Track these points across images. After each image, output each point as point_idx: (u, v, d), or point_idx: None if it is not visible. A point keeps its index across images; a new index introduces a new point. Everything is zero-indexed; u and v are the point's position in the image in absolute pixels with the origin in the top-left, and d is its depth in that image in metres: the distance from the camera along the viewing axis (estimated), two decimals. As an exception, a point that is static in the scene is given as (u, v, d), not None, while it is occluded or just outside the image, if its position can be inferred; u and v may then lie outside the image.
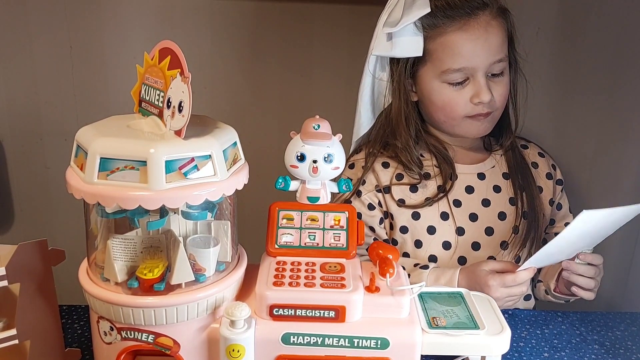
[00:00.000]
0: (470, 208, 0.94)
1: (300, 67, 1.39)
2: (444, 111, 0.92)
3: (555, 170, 1.03)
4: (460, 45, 0.87)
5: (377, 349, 0.60)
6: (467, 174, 0.96)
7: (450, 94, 0.90)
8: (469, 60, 0.88)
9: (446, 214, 0.93)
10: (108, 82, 1.37)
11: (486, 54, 0.88)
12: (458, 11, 0.87)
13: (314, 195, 0.67)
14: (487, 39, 0.87)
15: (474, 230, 0.93)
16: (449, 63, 0.88)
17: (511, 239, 0.94)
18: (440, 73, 0.89)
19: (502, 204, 0.95)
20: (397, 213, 0.94)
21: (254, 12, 1.35)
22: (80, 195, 0.56)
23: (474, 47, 0.87)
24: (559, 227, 1.01)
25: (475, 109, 0.90)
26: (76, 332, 0.79)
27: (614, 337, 0.83)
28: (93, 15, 1.33)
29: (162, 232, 0.63)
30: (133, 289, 0.59)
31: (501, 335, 0.62)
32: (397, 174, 0.95)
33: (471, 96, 0.89)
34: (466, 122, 0.93)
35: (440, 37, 0.88)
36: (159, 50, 0.62)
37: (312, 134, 0.65)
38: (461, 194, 0.94)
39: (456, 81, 0.89)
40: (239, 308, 0.57)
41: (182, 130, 0.57)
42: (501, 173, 0.98)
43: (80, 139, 0.59)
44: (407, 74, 0.93)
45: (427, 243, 0.93)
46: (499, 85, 0.91)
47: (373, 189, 0.95)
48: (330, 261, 0.65)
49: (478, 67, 0.88)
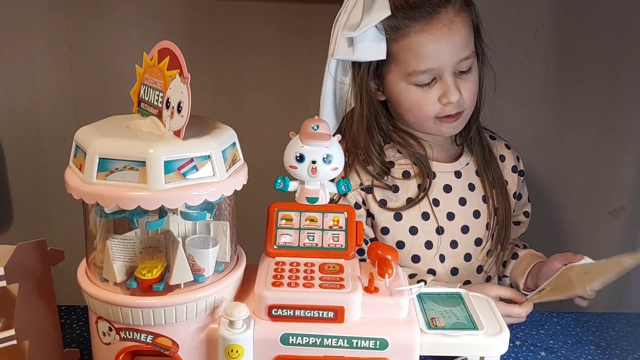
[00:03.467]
0: (448, 207, 0.93)
1: (299, 68, 1.40)
2: (412, 113, 0.90)
3: (519, 162, 1.02)
4: (423, 46, 0.84)
5: (375, 349, 0.60)
6: (445, 172, 0.94)
7: (418, 95, 0.87)
8: (434, 61, 0.85)
9: (427, 214, 0.92)
10: (107, 82, 1.37)
11: (451, 52, 0.85)
12: (419, 11, 0.84)
13: (312, 196, 0.67)
14: (452, 38, 0.84)
15: (452, 228, 0.93)
16: (414, 65, 0.85)
17: (484, 235, 0.95)
18: (406, 75, 0.86)
19: (476, 202, 0.95)
20: (378, 214, 0.92)
21: (253, 12, 1.35)
22: (79, 196, 0.56)
23: (438, 47, 0.84)
24: (518, 216, 1.02)
25: (444, 110, 0.87)
26: (75, 332, 0.79)
27: (610, 338, 0.83)
28: (93, 16, 1.33)
29: (161, 232, 0.63)
30: (132, 289, 0.59)
31: (500, 336, 0.62)
32: (377, 172, 0.92)
33: (439, 96, 0.87)
34: (436, 123, 0.90)
35: (403, 39, 0.85)
36: (158, 50, 0.62)
37: (311, 134, 0.65)
38: (440, 193, 0.93)
39: (423, 82, 0.86)
40: (238, 308, 0.57)
41: (181, 131, 0.57)
42: (474, 170, 0.97)
43: (79, 139, 0.59)
44: (370, 75, 0.89)
45: (410, 244, 0.92)
46: (468, 82, 0.88)
47: (357, 187, 0.92)
48: (329, 262, 0.65)
49: (444, 67, 0.85)
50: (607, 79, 1.39)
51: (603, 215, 1.51)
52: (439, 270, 0.92)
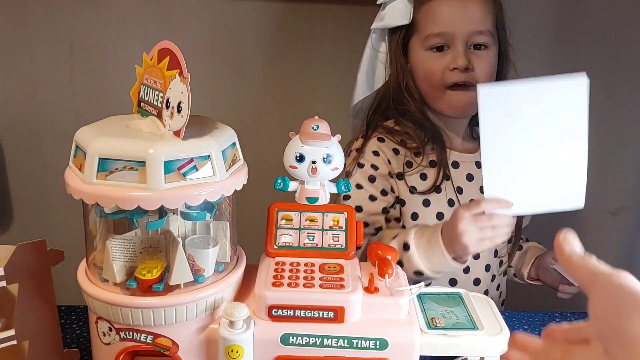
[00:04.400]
0: (470, 194, 0.98)
1: (299, 68, 1.39)
2: (426, 80, 0.96)
3: None
4: (439, 10, 0.93)
5: (376, 349, 0.60)
6: (466, 162, 1.00)
7: (431, 61, 0.94)
8: (447, 25, 0.92)
9: (452, 200, 0.97)
10: (107, 82, 1.37)
11: (464, 20, 0.92)
12: None
13: (312, 196, 0.67)
14: (467, 7, 0.92)
15: None
16: (430, 28, 0.93)
17: None
18: (423, 40, 0.94)
19: None
20: (409, 200, 0.97)
21: (253, 12, 1.35)
22: (79, 196, 0.56)
23: (453, 12, 0.92)
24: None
25: (452, 76, 0.93)
26: (75, 332, 0.79)
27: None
28: (93, 15, 1.32)
29: (161, 232, 0.63)
30: (132, 289, 0.59)
31: (500, 336, 0.62)
32: (406, 161, 0.98)
33: (448, 62, 0.93)
34: (447, 94, 0.95)
35: (424, 5, 0.94)
36: (158, 50, 0.62)
37: (311, 134, 0.65)
38: (463, 182, 0.99)
39: (436, 45, 0.93)
40: (238, 308, 0.57)
41: (181, 131, 0.57)
42: None
43: (79, 139, 0.59)
44: (399, 47, 0.97)
45: None
46: (481, 58, 0.94)
47: (386, 174, 0.97)
48: (329, 262, 0.65)
49: (456, 34, 0.92)
50: (607, 79, 1.39)
51: (603, 215, 1.51)
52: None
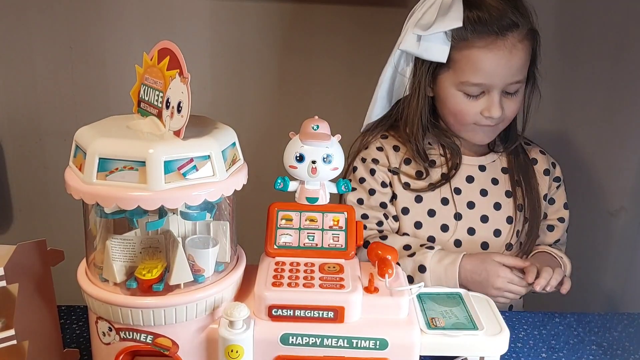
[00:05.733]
0: (468, 196, 0.99)
1: (299, 68, 1.40)
2: (454, 116, 0.97)
3: (555, 168, 1.07)
4: (483, 62, 0.90)
5: (375, 349, 0.60)
6: (469, 165, 1.01)
7: (463, 102, 0.94)
8: (488, 78, 0.91)
9: (446, 199, 0.98)
10: (107, 82, 1.37)
11: (505, 74, 0.91)
12: (488, 29, 0.89)
13: (312, 196, 0.67)
14: (510, 60, 0.90)
15: (471, 216, 0.99)
16: (469, 76, 0.91)
17: (506, 228, 1.00)
18: (459, 83, 0.93)
19: (498, 195, 1.01)
20: (401, 195, 0.99)
21: (253, 12, 1.35)
22: (79, 196, 0.56)
23: (496, 67, 0.90)
24: (551, 220, 1.05)
25: (483, 121, 0.94)
26: (75, 332, 0.79)
27: (612, 338, 0.83)
28: (93, 16, 1.33)
29: (161, 232, 0.63)
30: (132, 289, 0.59)
31: (500, 336, 0.62)
32: (405, 158, 1.00)
33: (482, 109, 0.93)
34: (473, 129, 0.97)
35: (466, 49, 0.91)
36: (158, 50, 0.62)
37: (311, 134, 0.65)
38: (462, 183, 1.00)
39: (472, 94, 0.93)
40: (238, 308, 0.57)
41: (181, 131, 0.57)
42: (500, 167, 1.03)
43: (79, 139, 0.59)
44: (429, 73, 0.96)
45: (427, 225, 0.98)
46: (512, 102, 0.95)
47: (385, 169, 1.00)
48: (329, 262, 0.65)
49: (495, 85, 0.91)
50: (607, 79, 1.39)
51: (603, 215, 1.51)
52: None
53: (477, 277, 0.88)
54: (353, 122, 1.46)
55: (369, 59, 1.43)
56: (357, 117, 1.47)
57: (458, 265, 0.89)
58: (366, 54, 1.41)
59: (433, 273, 0.89)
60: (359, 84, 1.45)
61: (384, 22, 1.40)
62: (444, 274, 0.89)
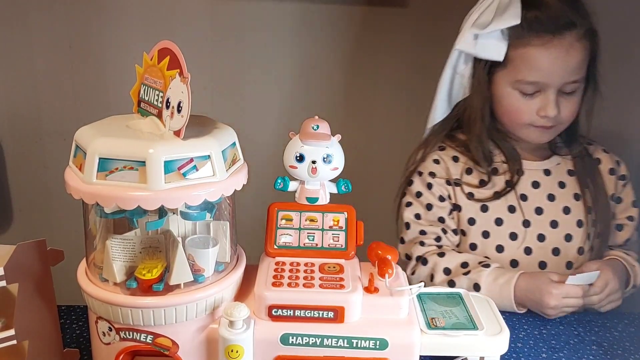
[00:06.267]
0: (536, 202, 0.98)
1: (299, 67, 1.40)
2: (509, 116, 0.96)
3: (620, 166, 1.04)
4: (539, 60, 0.90)
5: (375, 349, 0.60)
6: (533, 169, 1.00)
7: (519, 101, 0.93)
8: (543, 76, 0.90)
9: (513, 207, 0.97)
10: (107, 82, 1.37)
11: (562, 73, 0.90)
12: (545, 28, 0.89)
13: (312, 196, 0.67)
14: (567, 60, 0.90)
15: (539, 223, 0.97)
16: (524, 74, 0.91)
17: (577, 232, 0.97)
18: (514, 81, 0.93)
19: (567, 199, 0.99)
20: (466, 206, 0.98)
21: (253, 12, 1.35)
22: (79, 196, 0.56)
23: (552, 66, 0.90)
24: (621, 220, 1.02)
25: (539, 121, 0.93)
26: (75, 332, 0.79)
27: (612, 338, 0.83)
28: (93, 15, 1.33)
29: (161, 232, 0.63)
30: (132, 289, 0.59)
31: (500, 336, 0.62)
32: (466, 168, 1.00)
33: (538, 108, 0.92)
34: (529, 129, 0.96)
35: (523, 48, 0.91)
36: (158, 50, 0.62)
37: (311, 134, 0.65)
38: (528, 189, 0.98)
39: (527, 92, 0.92)
40: (238, 308, 0.57)
41: (181, 131, 0.57)
42: (566, 170, 1.01)
43: (79, 139, 0.59)
44: (485, 72, 0.96)
45: (495, 234, 0.97)
46: (569, 102, 0.93)
47: (444, 181, 0.99)
48: (329, 262, 0.65)
49: (551, 84, 0.91)
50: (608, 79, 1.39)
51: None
52: (525, 262, 0.97)
53: (532, 296, 0.86)
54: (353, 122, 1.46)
55: (369, 59, 1.43)
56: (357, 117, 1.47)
57: (513, 285, 0.87)
58: (366, 54, 1.42)
59: (488, 292, 0.87)
60: (359, 84, 1.45)
61: (384, 22, 1.40)
62: (498, 293, 0.87)
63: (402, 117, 1.47)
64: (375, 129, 1.48)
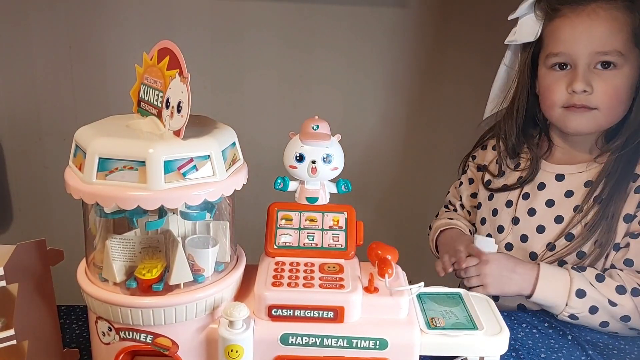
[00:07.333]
0: (532, 203, 0.96)
1: (299, 68, 1.40)
2: (543, 97, 0.94)
3: None
4: (561, 30, 0.90)
5: (375, 349, 0.60)
6: (547, 171, 0.97)
7: (550, 79, 0.92)
8: (567, 46, 0.88)
9: (511, 202, 0.99)
10: (107, 82, 1.37)
11: (586, 42, 0.87)
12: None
13: (312, 196, 0.67)
14: (590, 27, 0.87)
15: (527, 224, 0.96)
16: (551, 47, 0.91)
17: (562, 244, 0.91)
18: (545, 58, 0.93)
19: (565, 209, 0.93)
20: (480, 191, 1.05)
21: (253, 12, 1.35)
22: (79, 195, 0.56)
23: (573, 33, 0.88)
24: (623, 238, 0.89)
25: (570, 99, 0.89)
26: (74, 332, 0.79)
27: (608, 338, 0.83)
28: (93, 15, 1.33)
29: (160, 232, 0.63)
30: (131, 289, 0.59)
31: (499, 336, 0.62)
32: (497, 158, 1.04)
33: (567, 84, 0.89)
34: (563, 113, 0.91)
35: (550, 22, 0.92)
36: (158, 50, 0.62)
37: (311, 134, 0.65)
38: (532, 189, 0.97)
39: (555, 63, 0.90)
40: (238, 308, 0.57)
41: (181, 131, 0.57)
42: (585, 180, 0.92)
43: (78, 138, 0.59)
44: (528, 64, 0.96)
45: (489, 223, 1.02)
46: (604, 80, 0.87)
47: (475, 167, 1.09)
48: (329, 262, 0.65)
49: (578, 55, 0.88)
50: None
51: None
52: None
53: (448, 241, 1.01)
54: (353, 121, 1.46)
55: (369, 59, 1.43)
56: (357, 116, 1.47)
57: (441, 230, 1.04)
58: (366, 54, 1.42)
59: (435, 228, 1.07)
60: (359, 84, 1.45)
61: (384, 22, 1.40)
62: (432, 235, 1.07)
63: (403, 117, 1.47)
64: (375, 129, 1.48)
